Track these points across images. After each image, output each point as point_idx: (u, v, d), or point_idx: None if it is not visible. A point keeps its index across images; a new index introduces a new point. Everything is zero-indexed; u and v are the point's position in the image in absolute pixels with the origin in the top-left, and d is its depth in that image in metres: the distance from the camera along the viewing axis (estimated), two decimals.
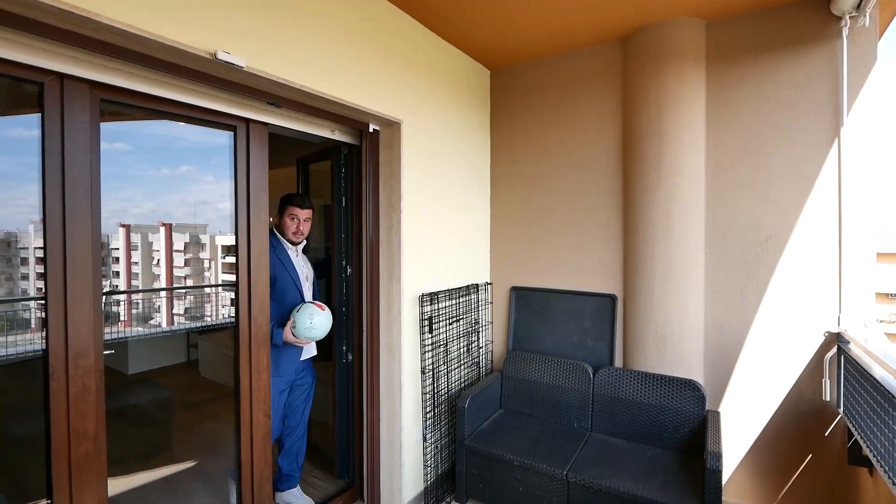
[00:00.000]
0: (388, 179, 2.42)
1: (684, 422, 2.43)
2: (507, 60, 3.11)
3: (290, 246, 2.34)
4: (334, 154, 2.56)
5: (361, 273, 2.50)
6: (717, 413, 2.43)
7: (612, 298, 2.81)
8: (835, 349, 2.24)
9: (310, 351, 2.45)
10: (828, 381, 2.24)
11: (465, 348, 2.96)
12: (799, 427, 2.36)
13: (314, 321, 2.18)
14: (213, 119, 1.84)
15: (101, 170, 1.52)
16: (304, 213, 2.32)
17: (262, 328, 2.04)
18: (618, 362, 2.80)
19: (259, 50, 1.67)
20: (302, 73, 1.85)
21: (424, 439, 2.54)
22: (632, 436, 2.56)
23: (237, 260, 1.97)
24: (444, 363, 2.73)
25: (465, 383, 2.98)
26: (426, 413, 2.56)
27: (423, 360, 2.54)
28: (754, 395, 2.47)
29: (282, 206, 2.33)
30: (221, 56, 1.52)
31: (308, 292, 2.43)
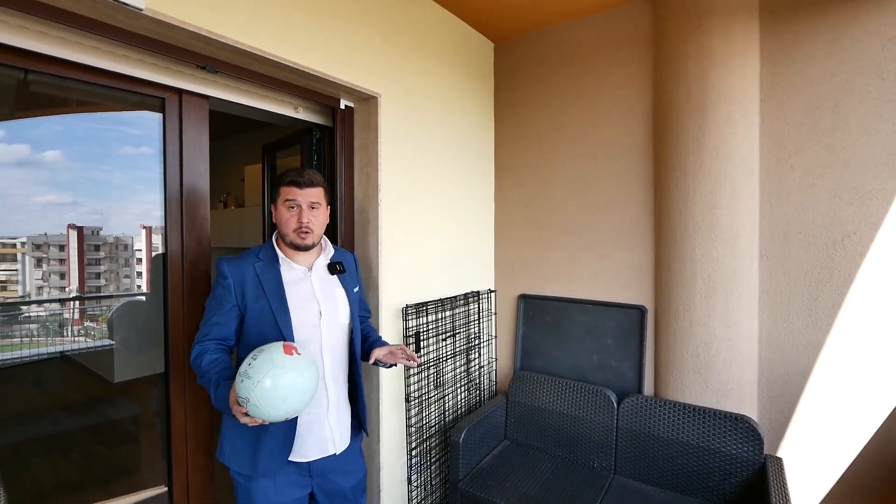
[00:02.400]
0: (365, 167, 2.00)
1: (735, 469, 1.92)
2: (514, 29, 2.66)
3: (286, 257, 1.39)
4: (305, 138, 2.16)
5: None
6: (779, 460, 1.91)
7: (641, 311, 2.32)
8: None
9: (314, 445, 1.37)
10: None
11: (463, 368, 2.52)
12: (887, 480, 1.82)
13: (255, 368, 1.08)
14: (129, 88, 1.46)
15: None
16: (308, 196, 1.35)
17: None
18: (647, 389, 2.30)
19: None
20: (240, 28, 1.45)
21: (409, 481, 2.11)
22: (666, 482, 2.06)
23: (166, 266, 1.59)
24: (435, 387, 2.29)
25: (463, 410, 2.54)
26: (412, 449, 2.12)
27: (407, 385, 2.11)
28: (826, 438, 1.94)
29: (276, 192, 1.41)
30: None
31: (326, 335, 1.39)
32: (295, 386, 1.10)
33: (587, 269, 2.51)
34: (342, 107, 1.98)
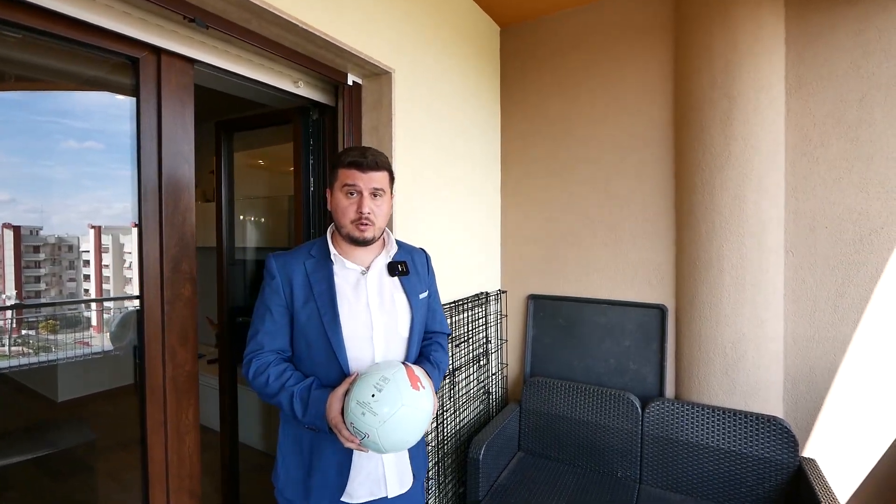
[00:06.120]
0: None
1: (769, 473, 1.84)
2: (522, 12, 2.49)
3: (339, 254, 1.16)
4: (300, 118, 1.88)
5: None
6: (813, 461, 1.84)
7: (661, 310, 2.21)
8: None
9: (363, 483, 1.12)
10: None
11: (474, 376, 2.32)
12: None
13: (382, 403, 0.92)
14: (91, 41, 1.15)
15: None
16: (371, 180, 1.11)
17: (184, 368, 1.36)
18: (668, 392, 2.20)
19: None
20: None
21: None
22: (695, 490, 1.96)
23: (140, 265, 1.28)
24: (450, 400, 2.08)
25: (475, 422, 2.34)
26: (427, 471, 1.90)
27: None
28: (852, 436, 1.90)
29: (333, 175, 1.16)
30: None
31: (380, 351, 1.14)
32: (422, 425, 0.99)
33: (602, 267, 2.38)
34: (349, 83, 1.72)
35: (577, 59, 2.44)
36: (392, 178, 1.19)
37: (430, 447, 1.90)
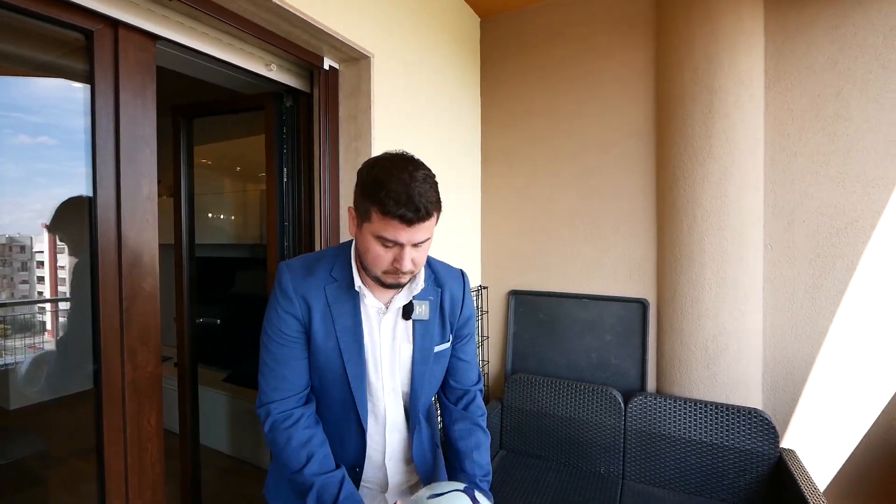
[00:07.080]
0: (353, 141, 1.68)
1: (750, 465, 1.85)
2: (502, 2, 2.44)
3: (364, 286, 0.97)
4: (274, 103, 1.78)
5: None
6: (793, 452, 1.86)
7: (643, 305, 2.21)
8: None
9: None
10: None
11: None
12: (892, 464, 1.84)
13: None
14: (37, 10, 1.04)
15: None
16: (418, 233, 0.86)
17: (145, 369, 1.25)
18: (650, 386, 2.19)
19: None
20: None
21: None
22: (678, 485, 1.96)
23: (94, 260, 1.17)
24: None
25: None
26: None
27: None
28: (829, 426, 1.93)
29: (366, 210, 0.87)
30: None
31: (396, 408, 1.02)
32: None
33: (584, 261, 2.36)
34: (326, 67, 1.63)
35: (557, 51, 2.41)
36: (440, 213, 0.91)
37: None
